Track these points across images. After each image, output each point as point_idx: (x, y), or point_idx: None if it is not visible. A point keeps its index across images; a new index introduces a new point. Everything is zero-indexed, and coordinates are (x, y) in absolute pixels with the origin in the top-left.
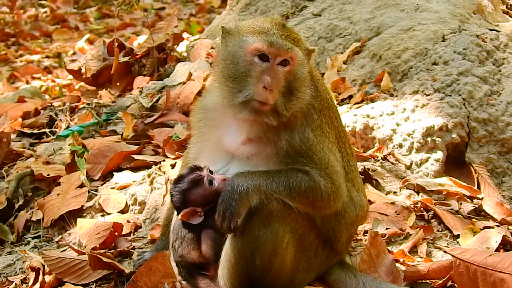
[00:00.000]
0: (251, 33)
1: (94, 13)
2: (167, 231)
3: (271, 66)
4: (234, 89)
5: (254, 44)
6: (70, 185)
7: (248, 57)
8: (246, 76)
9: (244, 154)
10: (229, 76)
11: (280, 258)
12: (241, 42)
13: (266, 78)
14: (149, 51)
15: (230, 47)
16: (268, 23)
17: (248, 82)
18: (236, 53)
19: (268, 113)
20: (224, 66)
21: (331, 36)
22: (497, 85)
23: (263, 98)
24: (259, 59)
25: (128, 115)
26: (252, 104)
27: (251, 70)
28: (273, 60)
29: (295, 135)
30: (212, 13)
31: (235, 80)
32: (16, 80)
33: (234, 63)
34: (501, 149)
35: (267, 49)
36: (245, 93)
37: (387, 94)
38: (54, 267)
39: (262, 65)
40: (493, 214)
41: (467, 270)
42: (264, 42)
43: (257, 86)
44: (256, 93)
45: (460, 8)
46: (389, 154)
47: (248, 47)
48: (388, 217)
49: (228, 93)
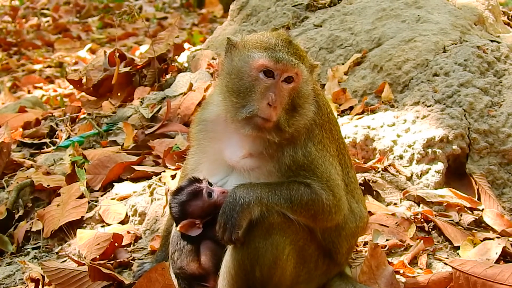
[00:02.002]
0: (257, 49)
1: (96, 23)
2: (167, 242)
3: (276, 83)
4: (238, 104)
5: (261, 60)
6: (70, 196)
7: (253, 72)
8: (251, 92)
9: (245, 168)
10: (233, 91)
11: (280, 270)
12: (247, 57)
13: (270, 95)
14: (150, 62)
15: (235, 61)
16: (274, 39)
17: (252, 98)
18: (242, 68)
19: (271, 130)
20: (228, 80)
21: (332, 47)
22: (498, 96)
23: (266, 115)
24: (264, 75)
25: (129, 125)
26: (255, 120)
27: (255, 86)
28: (278, 77)
29: (297, 150)
30: (214, 23)
31: (239, 95)
32: (17, 89)
33: (239, 78)
34: (501, 160)
35: (273, 65)
36: (249, 109)
37: (388, 105)
38: (53, 278)
39: (267, 82)
40: (494, 225)
41: (467, 282)
42: (270, 59)
43: (261, 103)
44: (260, 109)
45: (461, 19)
46: (390, 165)
47: (254, 63)
48: (389, 228)
49: (231, 108)
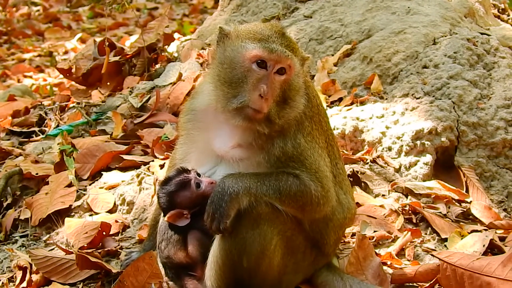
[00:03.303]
0: (251, 39)
1: (87, 12)
2: (154, 231)
3: (269, 74)
4: (229, 94)
5: (254, 51)
6: (59, 185)
7: (246, 63)
8: (243, 83)
9: (234, 158)
10: (225, 80)
11: (267, 260)
12: (240, 47)
13: (262, 86)
14: (139, 51)
15: (228, 51)
16: (268, 30)
17: (244, 88)
18: (235, 58)
19: (261, 121)
20: (220, 70)
21: (322, 38)
22: (487, 89)
23: (257, 107)
24: (257, 66)
25: (118, 115)
26: (246, 111)
27: (248, 77)
28: (271, 68)
29: (287, 141)
30: (205, 14)
31: (231, 85)
32: (7, 78)
33: (232, 68)
34: (490, 153)
35: (267, 55)
36: (240, 99)
37: (377, 97)
38: (41, 266)
39: (260, 73)
40: (481, 218)
41: (454, 274)
42: (264, 49)
43: (252, 94)
44: (252, 100)
45: (451, 11)
46: (378, 157)
47: (247, 54)
48: (376, 220)
49: (222, 98)
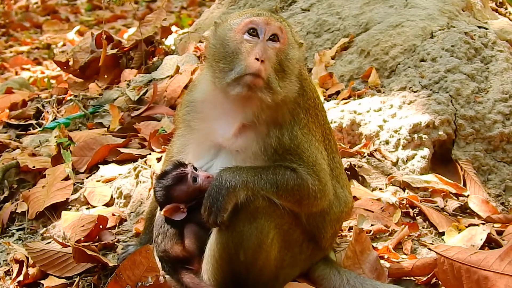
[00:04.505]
0: (239, 17)
1: (85, 5)
2: (151, 225)
3: (262, 41)
4: (226, 68)
5: (243, 22)
6: (56, 178)
7: (238, 36)
8: (237, 54)
9: (233, 148)
10: (220, 58)
11: (264, 254)
12: (229, 25)
13: (256, 49)
14: (137, 44)
15: (219, 32)
16: (256, 10)
17: (239, 58)
18: (226, 35)
19: (262, 88)
20: (214, 50)
21: (320, 32)
22: (484, 82)
23: (255, 69)
24: (249, 35)
25: (115, 108)
26: (245, 79)
27: (241, 48)
28: (263, 34)
29: (284, 132)
30: (203, 7)
31: (226, 60)
32: (5, 71)
33: (224, 45)
34: (487, 146)
35: (255, 19)
36: (237, 69)
37: (375, 90)
38: (38, 259)
39: (252, 41)
40: (479, 211)
41: (451, 268)
42: (252, 16)
43: (248, 59)
44: (248, 66)
45: (449, 5)
46: (376, 151)
47: (237, 27)
48: (374, 213)
49: (219, 73)
